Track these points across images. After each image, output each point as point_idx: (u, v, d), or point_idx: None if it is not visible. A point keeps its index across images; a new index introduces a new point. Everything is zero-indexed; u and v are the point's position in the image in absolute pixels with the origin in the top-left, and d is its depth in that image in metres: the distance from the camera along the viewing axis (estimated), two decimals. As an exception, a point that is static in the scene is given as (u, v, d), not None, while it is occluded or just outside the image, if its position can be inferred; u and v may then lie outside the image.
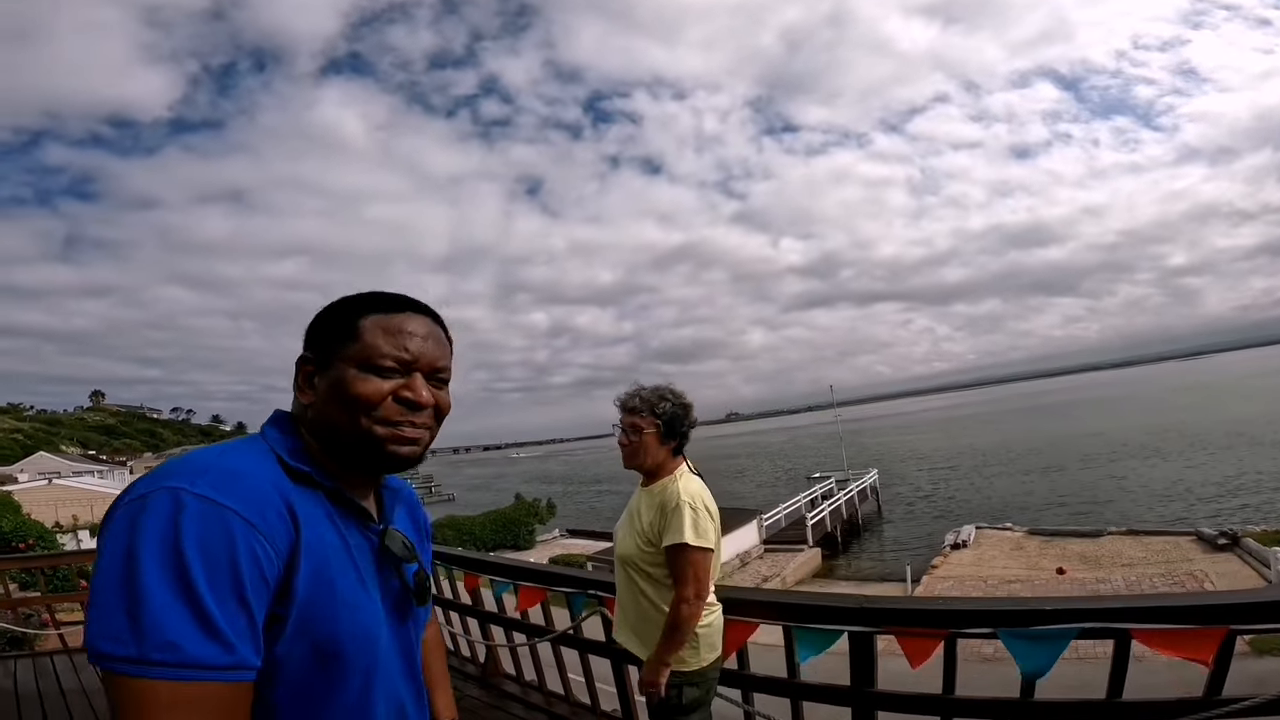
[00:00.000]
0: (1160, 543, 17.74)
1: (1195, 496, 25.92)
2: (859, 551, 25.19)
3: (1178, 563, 15.64)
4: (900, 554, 21.73)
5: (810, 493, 28.12)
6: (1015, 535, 20.85)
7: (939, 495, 34.58)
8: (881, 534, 27.84)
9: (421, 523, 1.07)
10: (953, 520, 24.33)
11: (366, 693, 0.81)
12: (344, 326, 0.85)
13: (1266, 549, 14.25)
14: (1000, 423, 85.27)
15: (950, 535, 20.99)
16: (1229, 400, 68.85)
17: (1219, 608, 1.49)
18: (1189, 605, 1.52)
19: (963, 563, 18.57)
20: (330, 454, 0.84)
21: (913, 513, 30.66)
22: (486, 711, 3.30)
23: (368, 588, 0.82)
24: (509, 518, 29.04)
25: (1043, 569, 16.78)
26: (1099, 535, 19.31)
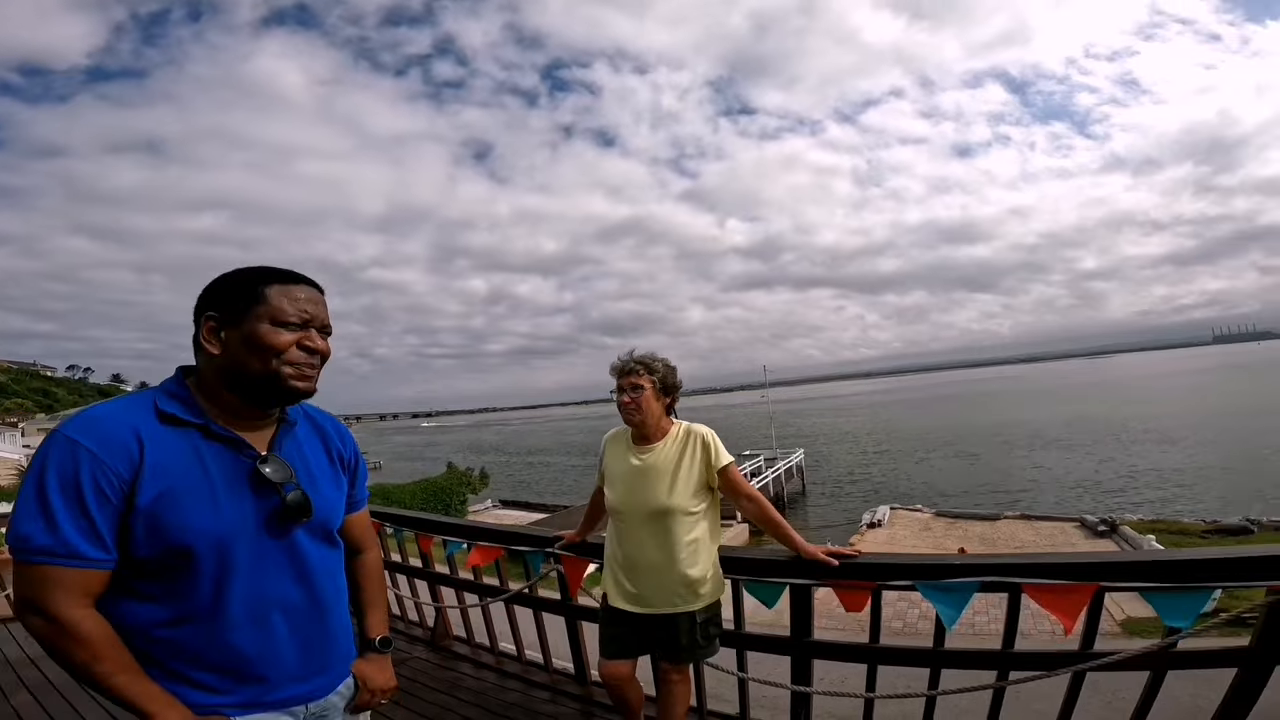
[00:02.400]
0: (1050, 528, 19.09)
1: (1084, 486, 28.09)
2: None
3: (1063, 547, 16.83)
4: (823, 531, 22.70)
5: (740, 470, 28.86)
6: (924, 516, 22.14)
7: (860, 476, 36.08)
8: (806, 511, 28.78)
9: (339, 455, 1.32)
10: (871, 500, 25.59)
11: (221, 593, 1.07)
12: (251, 291, 1.12)
13: (1140, 536, 15.64)
14: (920, 409, 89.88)
15: (867, 514, 22.06)
16: (1125, 399, 74.85)
17: (1092, 565, 1.76)
18: (1067, 563, 1.78)
19: (877, 541, 19.48)
20: (239, 394, 1.13)
21: (836, 492, 31.91)
22: (435, 672, 3.33)
23: (220, 504, 1.08)
24: (440, 486, 28.59)
25: (947, 549, 17.82)
26: (996, 519, 20.71)
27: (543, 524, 21.46)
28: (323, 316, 1.19)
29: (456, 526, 3.57)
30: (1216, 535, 16.63)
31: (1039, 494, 27.13)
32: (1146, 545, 14.77)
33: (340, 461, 1.33)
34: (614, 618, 2.22)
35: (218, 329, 1.12)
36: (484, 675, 3.27)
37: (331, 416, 1.38)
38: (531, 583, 2.99)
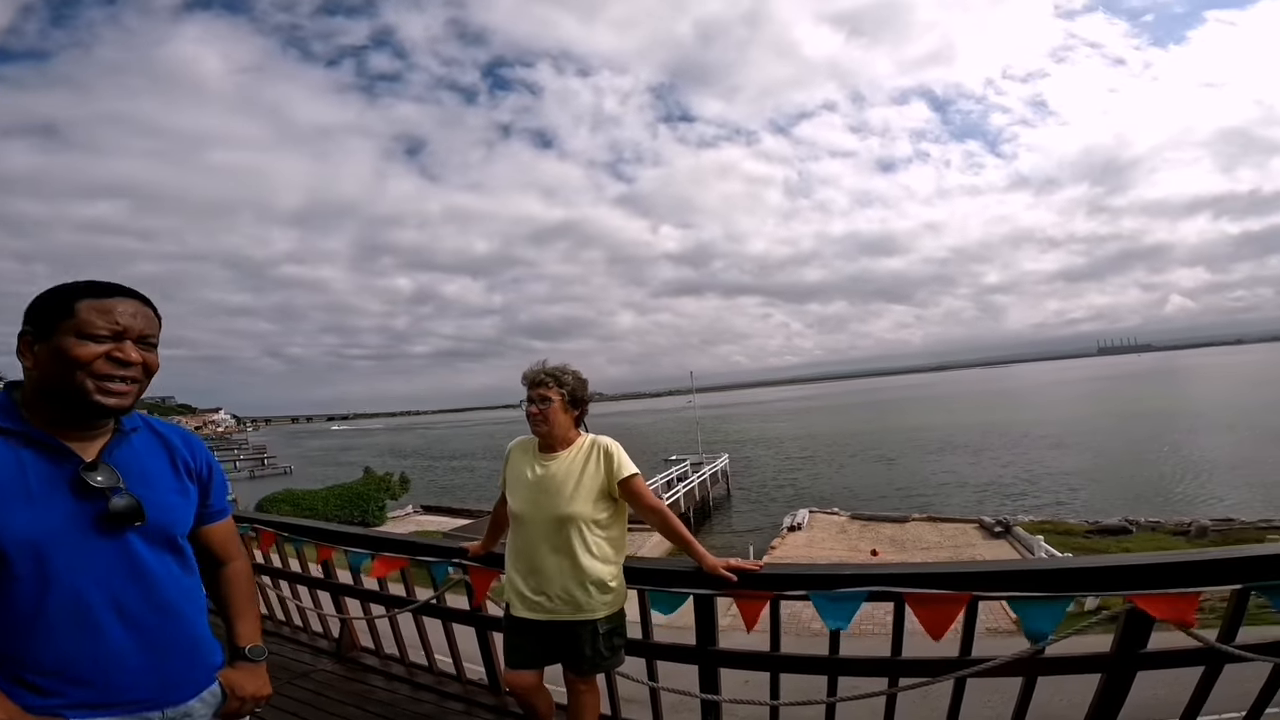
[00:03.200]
0: (952, 529, 20.24)
1: (986, 488, 30.10)
2: (710, 532, 26.30)
3: (963, 547, 17.99)
4: (747, 535, 23.26)
5: (667, 474, 29.21)
6: (840, 519, 22.99)
7: (784, 480, 37.10)
8: (731, 515, 29.33)
9: (185, 465, 1.32)
10: (793, 504, 26.33)
11: (42, 596, 1.08)
12: (62, 306, 1.14)
13: (1031, 537, 16.80)
14: (840, 415, 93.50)
15: (788, 518, 22.62)
16: (1022, 406, 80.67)
17: (966, 575, 1.87)
18: (945, 573, 1.90)
19: (797, 544, 20.08)
20: (52, 406, 1.14)
21: (761, 496, 32.62)
22: (343, 685, 3.26)
23: (36, 508, 1.09)
24: (356, 492, 27.44)
25: (861, 550, 18.57)
26: (905, 521, 21.77)
27: (465, 529, 20.93)
28: (140, 328, 1.19)
29: (358, 537, 3.46)
30: (1098, 535, 18.10)
31: (946, 496, 28.76)
32: (1037, 546, 15.87)
33: (187, 472, 1.33)
34: (517, 627, 2.22)
35: (32, 343, 1.15)
36: (396, 687, 3.21)
37: (180, 429, 1.39)
38: (438, 593, 2.96)
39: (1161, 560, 1.77)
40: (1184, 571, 1.69)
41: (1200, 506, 22.14)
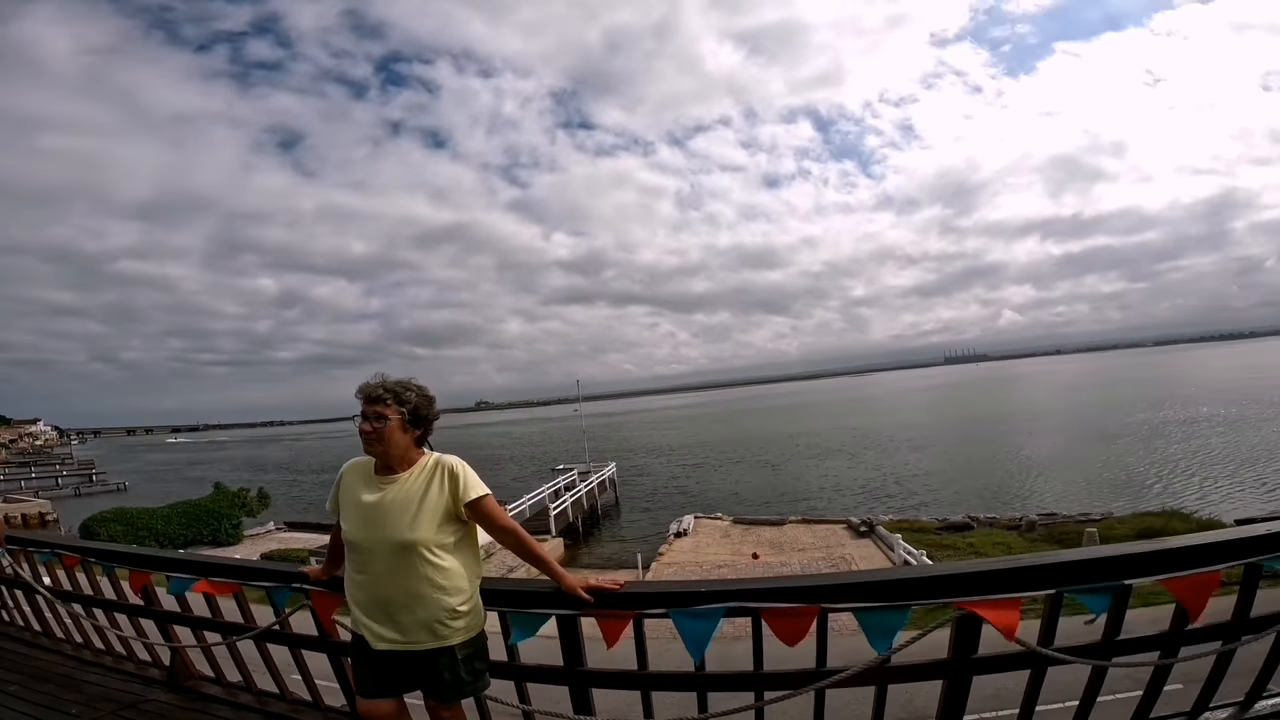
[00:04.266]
0: (825, 530, 21.40)
1: (856, 490, 32.34)
2: (599, 540, 26.49)
3: (835, 547, 19.04)
4: (635, 542, 23.43)
5: (554, 483, 28.99)
6: (724, 524, 23.71)
7: (672, 487, 37.89)
8: (619, 523, 29.51)
9: None
10: (681, 510, 26.86)
11: None
12: None
13: (891, 535, 18.11)
14: (725, 422, 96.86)
15: (674, 525, 22.97)
16: (884, 411, 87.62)
17: (815, 589, 1.92)
18: (795, 587, 1.94)
19: (684, 549, 20.42)
20: None
21: (650, 504, 33.02)
22: (179, 715, 3.02)
23: None
24: (205, 509, 24.82)
25: (743, 554, 19.19)
26: (782, 523, 22.79)
27: (332, 549, 19.37)
28: None
29: (179, 561, 3.16)
30: (946, 532, 19.86)
31: (825, 499, 30.56)
32: (896, 544, 17.16)
33: None
34: (367, 655, 2.07)
35: None
36: (245, 716, 3.00)
37: None
38: (280, 619, 2.75)
39: (986, 568, 1.87)
40: (1007, 578, 1.80)
41: (1030, 502, 25.00)
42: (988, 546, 17.76)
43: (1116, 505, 21.86)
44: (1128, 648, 1.90)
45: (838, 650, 2.00)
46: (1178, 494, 24.15)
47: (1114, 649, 1.89)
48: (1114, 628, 1.90)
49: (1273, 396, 52.75)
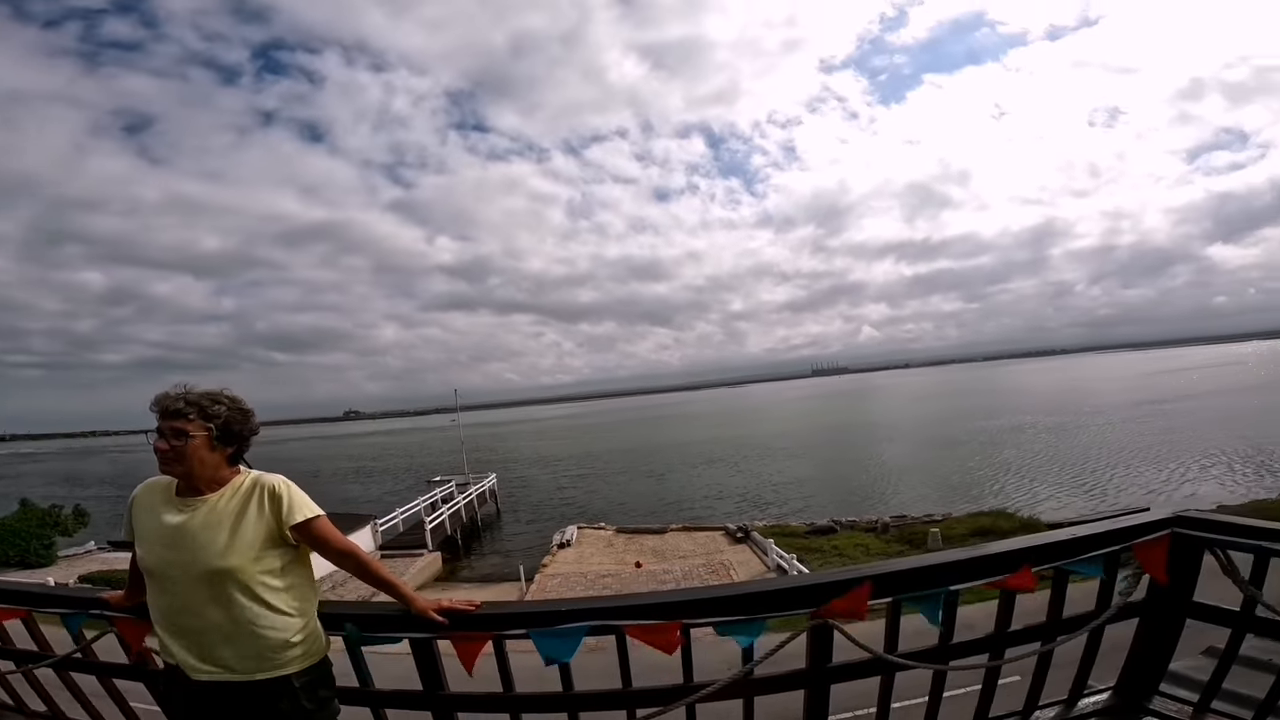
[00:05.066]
0: (704, 537, 22.06)
1: (735, 497, 33.70)
2: (480, 553, 26.07)
3: (714, 553, 19.71)
4: (518, 554, 23.11)
5: (430, 496, 28.08)
6: (607, 534, 23.83)
7: (557, 498, 37.69)
8: (501, 536, 29.16)
9: None
10: (565, 520, 26.75)
11: None
12: None
13: (765, 540, 19.05)
14: (611, 432, 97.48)
15: (557, 535, 22.87)
16: (760, 421, 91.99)
17: (676, 604, 1.94)
18: (657, 604, 1.95)
19: (568, 560, 20.30)
20: None
21: (535, 514, 32.70)
22: None
23: None
24: (9, 529, 21.80)
25: (626, 563, 19.39)
26: (665, 532, 23.26)
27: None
28: None
29: None
30: (814, 535, 21.28)
31: (704, 506, 31.56)
32: (770, 548, 18.13)
33: None
34: (188, 687, 1.84)
35: None
36: None
37: None
38: (80, 647, 2.47)
39: (836, 578, 1.94)
40: (850, 587, 1.89)
41: (885, 505, 27.26)
42: (850, 548, 19.22)
43: (956, 506, 24.42)
44: (962, 650, 2.05)
45: (725, 656, 2.01)
46: (1009, 495, 27.37)
47: (949, 652, 2.04)
48: (948, 632, 2.02)
49: (1082, 407, 61.30)
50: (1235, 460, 29.51)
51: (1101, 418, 51.33)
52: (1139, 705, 2.30)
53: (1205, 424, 41.56)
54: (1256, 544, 1.95)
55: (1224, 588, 2.04)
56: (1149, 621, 2.23)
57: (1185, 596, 2.17)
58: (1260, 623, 2.04)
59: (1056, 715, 2.30)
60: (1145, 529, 2.10)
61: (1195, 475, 27.88)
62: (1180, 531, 2.10)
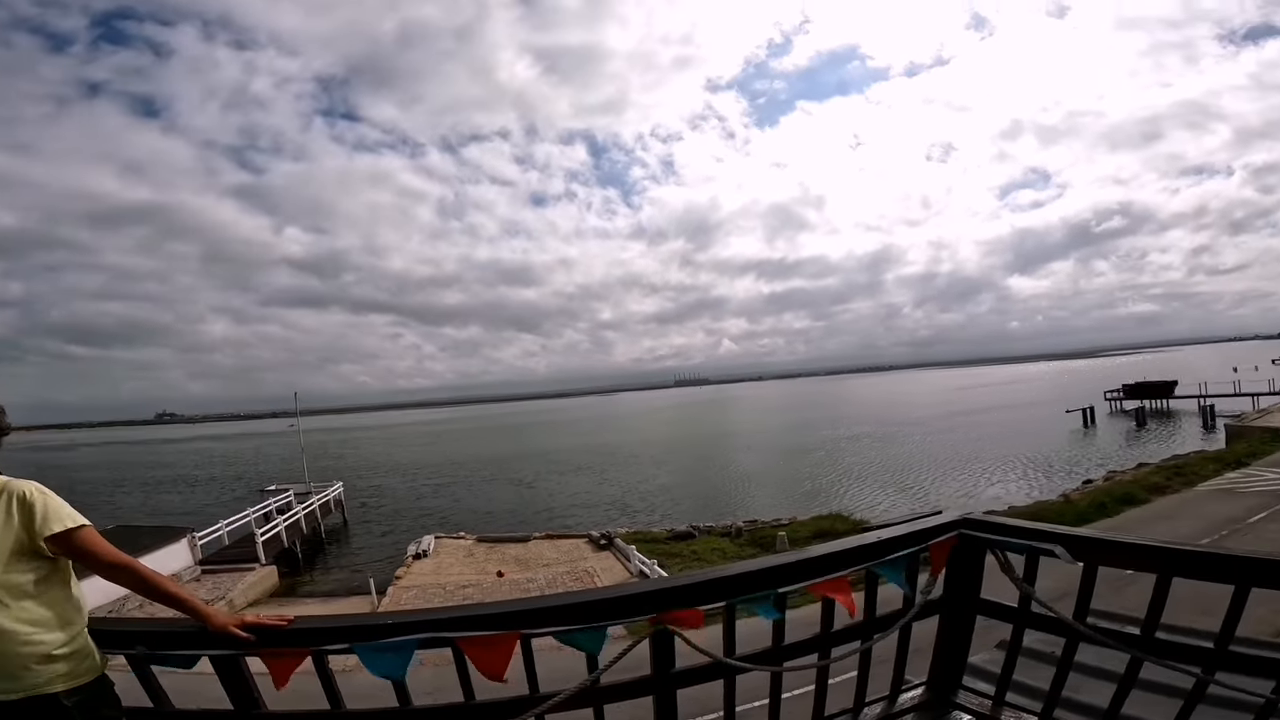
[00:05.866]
0: (568, 544, 22.04)
1: (600, 503, 33.93)
2: (325, 567, 24.49)
3: (578, 561, 19.72)
4: (369, 566, 21.91)
5: (263, 506, 25.82)
6: (467, 543, 23.09)
7: (415, 507, 36.08)
8: (349, 547, 27.64)
9: None
10: (422, 530, 25.64)
11: None
12: None
13: (628, 547, 19.33)
14: (475, 439, 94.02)
15: (412, 546, 21.93)
16: (629, 429, 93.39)
17: (513, 614, 1.89)
18: (491, 614, 1.89)
19: (424, 571, 19.51)
20: None
21: (393, 524, 31.17)
22: None
23: None
24: None
25: (488, 572, 18.90)
26: (527, 540, 22.95)
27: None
28: None
29: None
30: (674, 540, 22.02)
31: (571, 514, 31.41)
32: (632, 554, 18.51)
33: None
34: None
35: None
36: None
37: None
38: None
39: (677, 584, 2.01)
40: (689, 593, 1.95)
41: (741, 510, 28.76)
42: (707, 552, 20.10)
43: (802, 510, 26.39)
44: (794, 651, 2.14)
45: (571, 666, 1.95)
46: (847, 498, 29.96)
47: (783, 654, 2.12)
48: (779, 633, 2.10)
49: (907, 418, 68.54)
50: (1027, 466, 34.48)
51: (923, 428, 57.67)
52: (946, 699, 2.44)
53: (1003, 434, 48.17)
54: (1027, 544, 2.15)
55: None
56: (946, 619, 2.40)
57: (974, 594, 2.35)
58: (1036, 618, 2.20)
59: (882, 711, 2.43)
60: (938, 531, 2.27)
61: (999, 479, 32.09)
62: (966, 533, 2.28)
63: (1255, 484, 19.01)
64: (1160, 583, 1.92)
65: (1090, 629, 2.01)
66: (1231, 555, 1.90)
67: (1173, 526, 15.77)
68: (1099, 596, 2.09)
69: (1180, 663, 1.87)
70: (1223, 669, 1.81)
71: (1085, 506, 19.34)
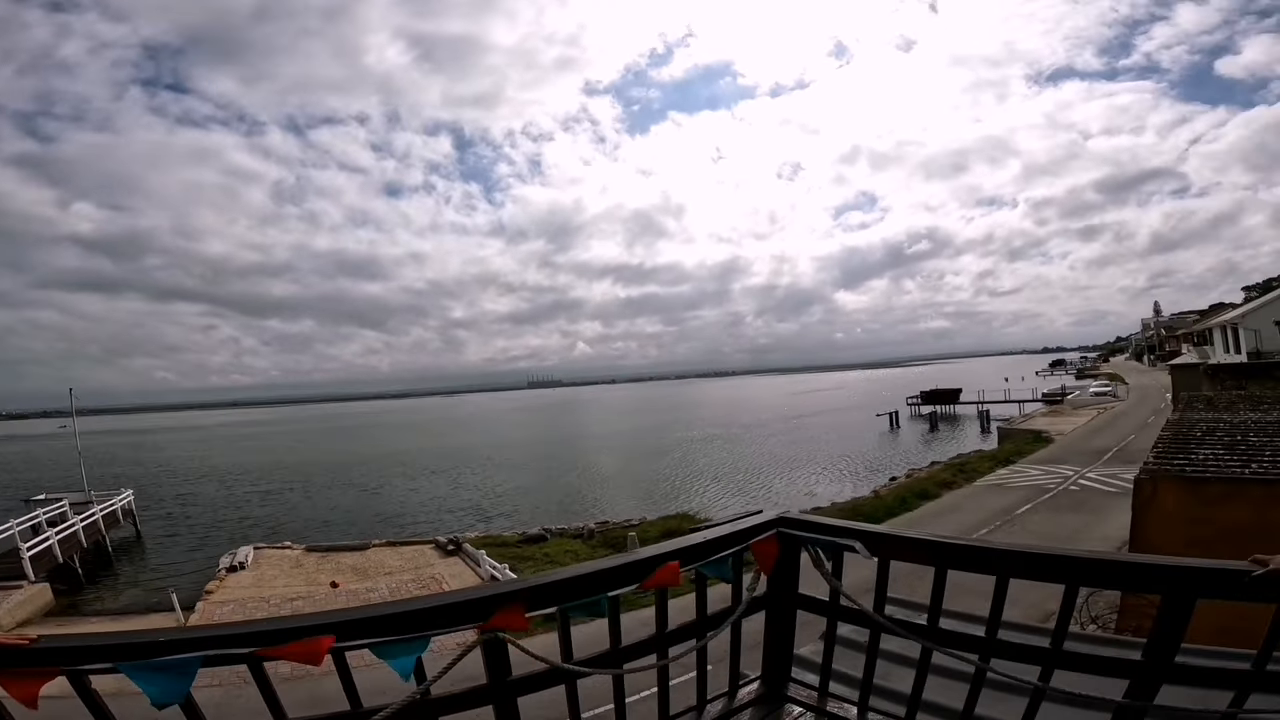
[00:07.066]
0: (411, 551, 21.03)
1: (449, 507, 32.76)
2: (114, 584, 21.83)
3: (424, 567, 18.89)
4: (174, 581, 19.44)
5: (31, 518, 22.20)
6: (294, 553, 21.30)
7: (234, 516, 32.82)
8: (145, 561, 24.73)
9: None
10: (244, 542, 23.23)
11: None
12: None
13: (478, 552, 18.78)
14: (304, 441, 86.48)
15: (226, 558, 19.93)
16: (481, 431, 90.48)
17: (320, 626, 1.67)
18: (295, 627, 1.67)
19: (242, 584, 17.77)
20: None
21: (199, 537, 28.09)
22: None
23: None
24: None
25: (320, 583, 17.56)
26: (365, 548, 21.58)
27: None
28: None
29: None
30: (526, 544, 21.77)
31: (419, 519, 29.94)
32: (482, 559, 18.04)
33: None
34: None
35: None
36: None
37: None
38: None
39: (498, 590, 1.89)
40: (520, 597, 1.85)
41: (593, 511, 29.09)
42: (559, 554, 20.06)
43: (651, 510, 27.27)
44: (632, 653, 2.11)
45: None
46: (694, 499, 31.37)
47: (621, 655, 2.09)
48: (615, 636, 2.08)
49: (751, 421, 73.14)
50: (847, 465, 38.33)
51: (764, 430, 62.07)
52: (779, 692, 2.53)
53: (829, 436, 53.17)
54: (831, 540, 2.27)
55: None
56: (772, 614, 2.50)
57: (793, 589, 2.46)
58: (845, 610, 2.32)
59: (723, 708, 2.47)
60: (757, 530, 2.34)
61: (827, 478, 35.17)
62: (783, 531, 2.38)
63: (1020, 480, 22.75)
64: (938, 574, 2.10)
65: (888, 619, 2.18)
66: (992, 549, 2.13)
67: (959, 518, 18.41)
68: (907, 586, 2.25)
69: (961, 651, 2.03)
70: (996, 656, 1.98)
71: (892, 501, 21.90)
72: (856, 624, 2.34)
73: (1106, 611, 8.53)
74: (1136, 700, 1.77)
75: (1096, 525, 16.00)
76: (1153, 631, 1.78)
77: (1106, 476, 21.19)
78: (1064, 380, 76.27)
